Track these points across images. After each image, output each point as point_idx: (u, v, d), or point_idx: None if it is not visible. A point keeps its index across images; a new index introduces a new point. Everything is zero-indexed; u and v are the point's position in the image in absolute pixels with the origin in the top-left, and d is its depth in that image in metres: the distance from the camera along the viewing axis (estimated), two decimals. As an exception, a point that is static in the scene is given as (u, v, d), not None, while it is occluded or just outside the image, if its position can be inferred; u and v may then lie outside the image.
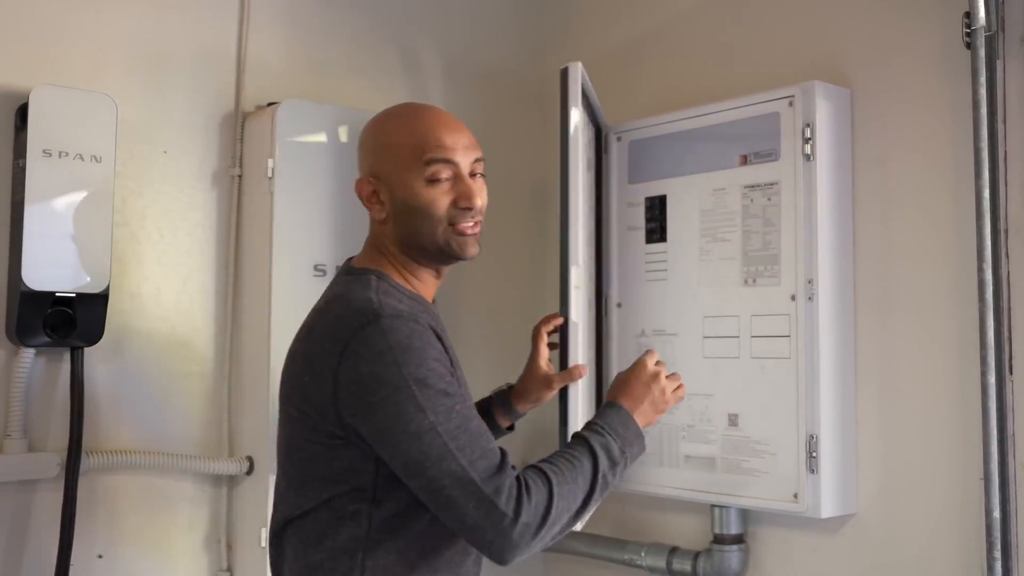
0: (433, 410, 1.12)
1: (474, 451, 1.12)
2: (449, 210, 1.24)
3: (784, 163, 1.74)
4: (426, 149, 1.23)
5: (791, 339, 1.71)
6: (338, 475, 1.19)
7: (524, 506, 1.11)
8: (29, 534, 1.65)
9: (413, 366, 1.12)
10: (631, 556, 1.97)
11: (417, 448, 1.11)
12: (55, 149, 1.61)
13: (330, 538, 1.19)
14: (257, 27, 1.93)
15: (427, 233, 1.24)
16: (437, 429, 1.11)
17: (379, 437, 1.14)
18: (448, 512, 1.13)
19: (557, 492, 1.13)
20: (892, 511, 1.69)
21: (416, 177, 1.23)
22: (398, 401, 1.11)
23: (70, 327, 1.63)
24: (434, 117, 1.28)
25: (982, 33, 1.55)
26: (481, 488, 1.10)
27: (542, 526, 1.12)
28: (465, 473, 1.10)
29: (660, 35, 2.13)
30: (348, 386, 1.14)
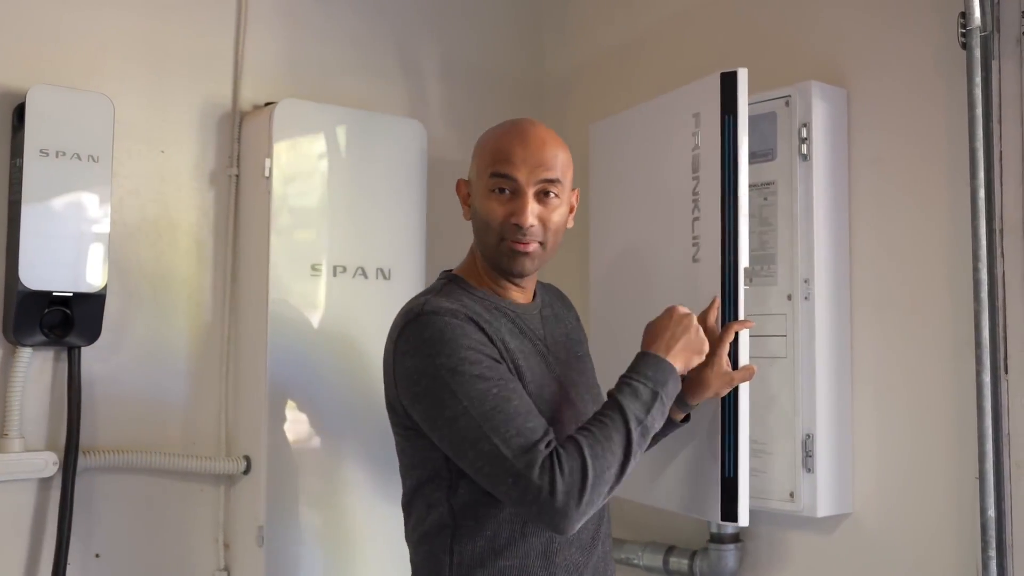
0: (466, 395, 1.18)
1: (508, 430, 1.16)
2: (503, 223, 1.29)
3: (780, 163, 1.75)
4: (494, 161, 1.30)
5: (787, 338, 1.72)
6: (418, 464, 1.28)
7: (558, 476, 1.14)
8: (26, 533, 1.65)
9: (444, 356, 1.19)
10: (628, 555, 1.97)
11: (455, 431, 1.19)
12: (52, 149, 1.61)
13: (423, 523, 1.28)
14: (255, 27, 1.94)
15: (485, 243, 1.32)
16: (470, 412, 1.17)
17: (427, 425, 1.23)
18: (494, 490, 1.19)
19: (590, 454, 1.17)
20: (888, 510, 1.70)
21: (484, 187, 1.31)
22: (435, 389, 1.20)
23: (67, 326, 1.63)
24: (517, 130, 1.32)
25: (977, 33, 1.55)
26: (514, 465, 1.15)
27: (584, 489, 1.15)
28: (498, 452, 1.15)
29: (656, 35, 2.14)
30: (401, 380, 1.25)
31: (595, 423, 1.22)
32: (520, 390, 1.23)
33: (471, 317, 1.24)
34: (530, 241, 1.29)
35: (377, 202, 1.92)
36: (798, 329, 1.70)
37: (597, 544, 1.34)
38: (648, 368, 1.28)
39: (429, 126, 2.13)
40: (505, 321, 1.30)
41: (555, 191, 1.31)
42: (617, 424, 1.21)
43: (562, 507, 1.14)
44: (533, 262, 1.31)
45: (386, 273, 1.90)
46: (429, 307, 1.24)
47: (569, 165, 1.35)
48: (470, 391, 1.18)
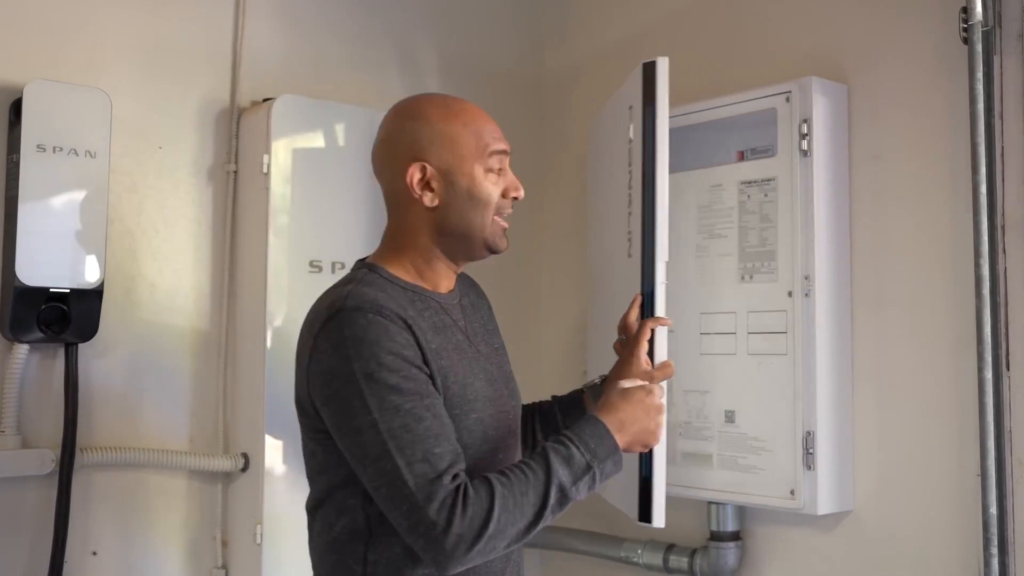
0: (378, 406, 1.10)
1: (414, 453, 1.09)
2: (500, 201, 1.27)
3: (781, 159, 1.74)
4: (490, 140, 1.26)
5: (788, 335, 1.71)
6: (331, 469, 1.20)
7: (457, 517, 1.08)
8: (23, 531, 1.65)
9: (364, 359, 1.11)
10: (627, 553, 1.97)
11: (359, 443, 1.11)
12: (49, 144, 1.60)
13: (332, 530, 1.20)
14: (253, 22, 1.93)
15: (478, 223, 1.26)
16: (378, 426, 1.10)
17: (334, 430, 1.16)
18: (387, 512, 1.12)
19: (500, 504, 1.09)
20: (889, 507, 1.69)
21: (479, 166, 1.25)
22: (347, 395, 1.12)
23: (64, 323, 1.62)
24: (479, 109, 1.30)
25: (979, 28, 1.55)
26: (414, 493, 1.08)
27: (479, 538, 1.08)
28: (399, 475, 1.09)
29: (657, 31, 2.13)
30: (314, 379, 1.17)
31: (516, 473, 1.13)
32: (436, 408, 1.15)
33: (398, 312, 1.16)
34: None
35: (376, 198, 1.90)
36: (798, 326, 1.70)
37: (509, 564, 1.28)
38: (593, 439, 1.18)
39: (428, 122, 2.12)
40: (430, 314, 1.23)
41: None
42: (539, 483, 1.13)
43: (451, 549, 1.08)
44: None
45: (385, 270, 1.90)
46: (352, 301, 1.15)
47: None
48: (383, 402, 1.10)
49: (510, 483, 1.12)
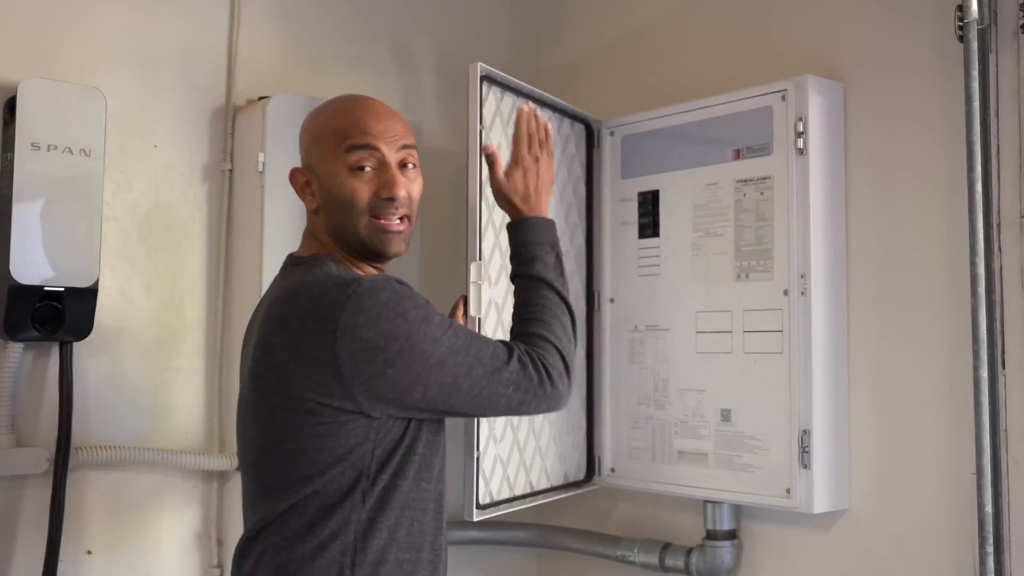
0: (443, 338, 1.17)
1: (484, 350, 1.20)
2: (371, 201, 1.22)
3: (777, 157, 1.74)
4: (349, 136, 1.22)
5: (784, 334, 1.71)
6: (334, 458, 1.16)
7: (548, 367, 1.23)
8: (17, 530, 1.64)
9: (413, 310, 1.16)
10: (624, 552, 1.96)
11: (447, 373, 1.17)
12: (43, 142, 1.59)
13: (320, 526, 1.17)
14: (248, 21, 1.92)
15: (350, 226, 1.23)
16: (455, 349, 1.17)
17: (406, 385, 1.15)
18: (498, 407, 1.22)
19: (556, 339, 1.27)
20: (885, 506, 1.69)
21: (340, 166, 1.22)
22: (412, 346, 1.15)
23: (58, 322, 1.61)
24: (362, 105, 1.27)
25: (975, 26, 1.55)
26: (510, 374, 1.20)
27: (568, 367, 1.27)
28: (491, 370, 1.19)
29: (653, 30, 2.13)
30: (353, 357, 1.13)
31: (535, 307, 1.29)
32: None
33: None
34: (402, 216, 1.24)
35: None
36: (794, 324, 1.69)
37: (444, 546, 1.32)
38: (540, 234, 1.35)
39: (422, 120, 2.12)
40: None
41: (413, 161, 1.27)
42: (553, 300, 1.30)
43: (562, 389, 1.25)
44: (405, 242, 1.26)
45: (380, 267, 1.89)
46: (366, 278, 1.16)
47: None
48: (444, 333, 1.17)
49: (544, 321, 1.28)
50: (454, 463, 2.15)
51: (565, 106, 1.94)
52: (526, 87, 1.82)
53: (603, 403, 1.99)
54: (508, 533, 2.12)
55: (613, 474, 1.97)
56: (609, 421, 1.98)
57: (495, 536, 2.12)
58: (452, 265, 2.22)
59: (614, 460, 1.97)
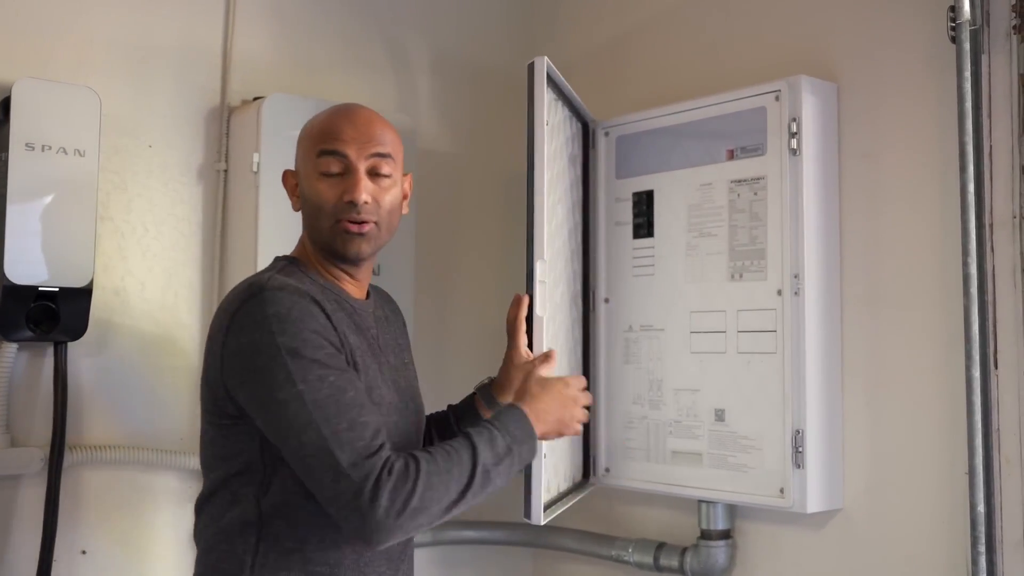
0: (303, 378, 1.11)
1: (340, 423, 1.10)
2: (336, 204, 1.23)
3: (770, 158, 1.74)
4: (322, 141, 1.25)
5: (777, 334, 1.71)
6: (230, 455, 1.20)
7: (384, 489, 1.08)
8: (12, 530, 1.65)
9: (288, 335, 1.12)
10: (618, 552, 1.97)
11: (284, 415, 1.11)
12: (38, 143, 1.60)
13: (222, 520, 1.20)
14: (243, 21, 1.93)
15: (318, 228, 1.25)
16: (304, 398, 1.10)
17: (254, 405, 1.15)
18: (311, 482, 1.12)
19: (425, 481, 1.10)
20: (878, 506, 1.69)
21: (312, 169, 1.25)
22: (271, 368, 1.12)
23: (53, 322, 1.62)
24: (345, 112, 1.28)
25: (967, 27, 1.55)
26: (340, 462, 1.08)
27: (404, 512, 1.09)
28: (326, 444, 1.09)
29: (647, 30, 2.13)
30: (231, 358, 1.16)
31: (441, 452, 1.15)
32: (358, 384, 1.16)
33: (316, 300, 1.18)
34: (365, 220, 1.23)
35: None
36: (788, 324, 1.70)
37: (404, 559, 1.30)
38: (513, 424, 1.22)
39: (418, 121, 2.13)
40: (344, 314, 1.24)
41: (387, 169, 1.26)
42: (463, 462, 1.15)
43: (380, 521, 1.08)
44: (369, 244, 1.25)
45: (375, 267, 1.89)
46: (274, 283, 1.17)
47: (399, 147, 1.30)
48: (308, 375, 1.11)
49: (435, 460, 1.13)
50: None
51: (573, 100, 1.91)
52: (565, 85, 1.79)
53: (598, 403, 1.99)
54: (503, 533, 2.12)
55: (608, 474, 1.97)
56: (604, 421, 1.98)
57: (490, 536, 2.13)
58: (451, 264, 2.23)
59: (609, 460, 1.97)
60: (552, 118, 1.74)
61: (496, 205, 2.29)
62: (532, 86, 1.59)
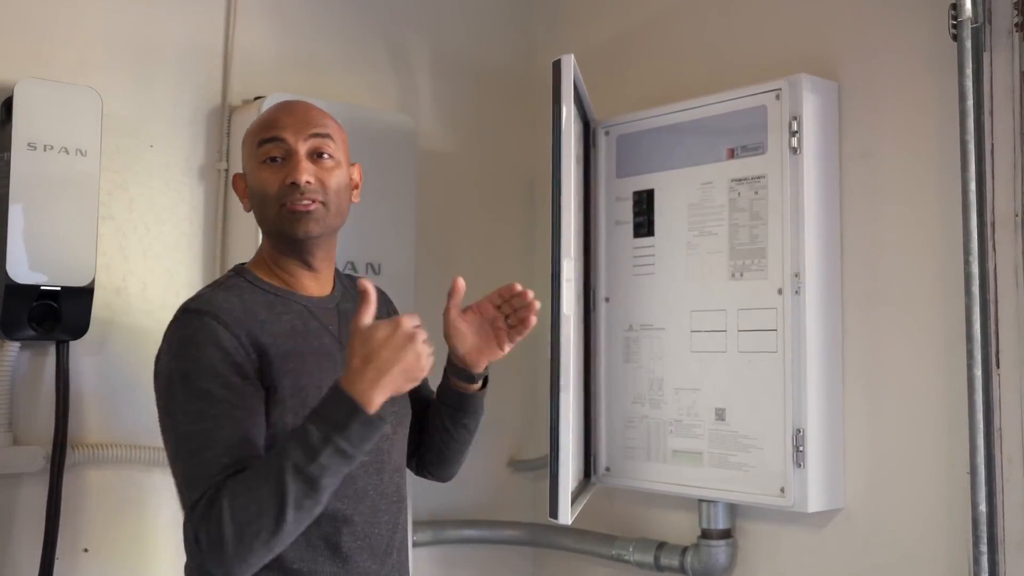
0: (183, 409, 1.13)
1: (199, 457, 1.10)
2: (280, 189, 1.23)
3: (771, 156, 1.74)
4: (261, 132, 1.26)
5: (778, 333, 1.71)
6: None
7: (207, 522, 1.07)
8: (14, 528, 1.65)
9: (183, 360, 1.14)
10: (619, 552, 1.97)
11: (166, 441, 1.16)
12: (40, 142, 1.60)
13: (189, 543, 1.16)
14: (244, 21, 1.93)
15: (266, 217, 1.25)
16: (178, 429, 1.13)
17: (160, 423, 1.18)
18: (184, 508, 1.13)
19: (229, 510, 1.06)
20: (879, 505, 1.69)
21: (256, 161, 1.25)
22: (165, 393, 1.16)
23: (55, 321, 1.62)
24: (281, 105, 1.30)
25: (969, 25, 1.54)
26: (187, 497, 1.11)
27: (223, 549, 1.06)
28: (182, 477, 1.12)
29: (648, 29, 2.13)
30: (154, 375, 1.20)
31: (251, 471, 1.09)
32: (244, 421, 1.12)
33: (241, 318, 1.17)
34: (311, 200, 1.21)
35: (366, 196, 1.89)
36: (788, 323, 1.69)
37: (392, 552, 1.27)
38: (330, 408, 1.09)
39: (419, 120, 2.13)
40: (290, 317, 1.22)
41: (328, 151, 1.25)
42: (271, 474, 1.07)
43: (212, 560, 1.07)
44: (317, 224, 1.22)
45: (376, 267, 1.90)
46: (196, 304, 1.19)
47: (341, 134, 1.29)
48: (189, 406, 1.12)
49: (241, 481, 1.08)
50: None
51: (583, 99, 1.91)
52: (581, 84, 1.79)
53: (598, 402, 1.99)
54: (504, 532, 2.12)
55: (608, 473, 1.97)
56: (604, 420, 1.98)
57: (491, 535, 2.13)
58: (452, 264, 2.23)
59: (609, 459, 1.97)
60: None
61: (497, 205, 2.30)
62: (559, 83, 1.57)
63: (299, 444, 1.08)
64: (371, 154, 1.93)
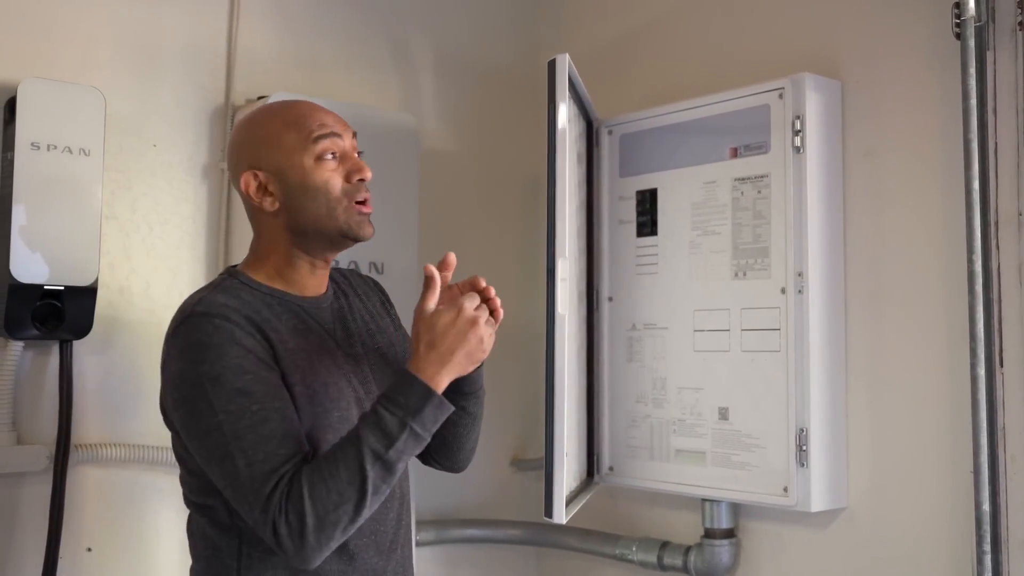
0: (223, 408, 1.11)
1: (256, 453, 1.10)
2: (344, 187, 1.23)
3: (774, 156, 1.74)
4: (312, 128, 1.24)
5: (781, 332, 1.71)
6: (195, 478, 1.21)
7: (281, 518, 1.09)
8: (17, 527, 1.65)
9: (208, 363, 1.13)
10: (622, 551, 1.97)
11: (206, 446, 1.13)
12: (43, 142, 1.61)
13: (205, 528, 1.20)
14: (247, 21, 1.93)
15: (325, 214, 1.23)
16: (223, 428, 1.11)
17: (184, 434, 1.17)
18: (243, 510, 1.12)
19: (310, 497, 1.09)
20: (882, 504, 1.69)
21: (308, 157, 1.23)
22: (193, 398, 1.13)
23: (58, 320, 1.62)
24: (308, 103, 1.29)
25: (972, 23, 1.54)
26: (255, 492, 1.10)
27: (305, 535, 1.08)
28: (241, 475, 1.10)
29: (651, 28, 2.13)
30: (166, 385, 1.19)
31: (328, 458, 1.12)
32: (285, 410, 1.14)
33: (248, 316, 1.17)
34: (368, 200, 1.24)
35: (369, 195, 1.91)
36: (791, 323, 1.69)
37: (396, 548, 1.28)
38: (402, 393, 1.13)
39: (421, 119, 2.13)
40: (288, 317, 1.22)
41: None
42: (349, 461, 1.10)
43: (290, 549, 1.09)
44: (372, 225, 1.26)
45: (379, 266, 1.90)
46: (201, 307, 1.17)
47: None
48: (228, 405, 1.11)
49: (319, 468, 1.10)
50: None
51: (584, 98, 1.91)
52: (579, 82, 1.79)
53: (601, 402, 1.99)
54: (507, 531, 2.12)
55: (611, 472, 1.97)
56: (607, 420, 1.98)
57: (494, 535, 2.13)
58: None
59: (612, 458, 1.97)
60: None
61: (499, 204, 2.30)
62: (553, 83, 1.57)
63: (374, 430, 1.11)
64: (374, 153, 1.92)
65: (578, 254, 1.97)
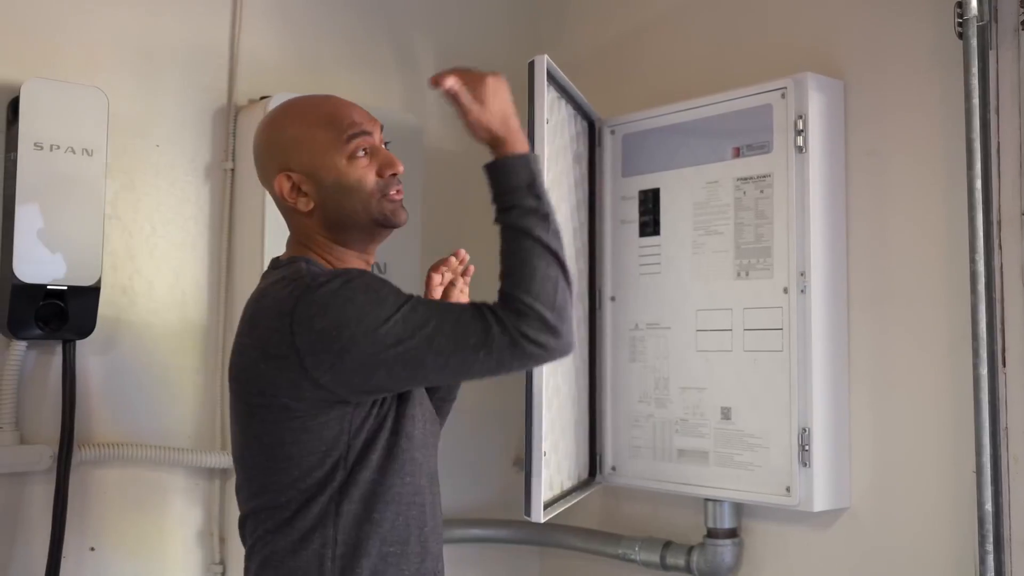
0: (398, 315, 1.14)
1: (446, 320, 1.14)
2: (377, 182, 1.25)
3: (776, 155, 1.74)
4: (343, 128, 1.25)
5: (784, 332, 1.71)
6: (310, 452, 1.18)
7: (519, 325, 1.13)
8: (21, 527, 1.66)
9: (361, 293, 1.15)
10: (625, 551, 1.96)
11: (406, 348, 1.13)
12: (46, 142, 1.61)
13: (300, 519, 1.19)
14: (250, 21, 1.94)
15: (361, 209, 1.25)
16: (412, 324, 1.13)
17: (367, 369, 1.15)
18: (472, 371, 1.15)
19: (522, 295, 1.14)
20: (885, 504, 1.69)
21: (340, 156, 1.24)
22: (365, 330, 1.13)
23: (62, 320, 1.63)
24: (335, 100, 1.30)
25: (974, 23, 1.54)
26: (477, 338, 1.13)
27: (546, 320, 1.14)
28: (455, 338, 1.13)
29: (653, 28, 2.13)
30: (312, 348, 1.15)
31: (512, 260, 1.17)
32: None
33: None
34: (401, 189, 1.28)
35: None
36: (794, 322, 1.69)
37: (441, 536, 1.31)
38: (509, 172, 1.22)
39: (424, 120, 2.13)
40: None
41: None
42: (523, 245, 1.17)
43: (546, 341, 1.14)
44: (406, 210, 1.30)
45: (382, 267, 1.90)
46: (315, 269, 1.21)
47: None
48: (402, 310, 1.14)
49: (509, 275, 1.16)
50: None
51: (577, 98, 1.92)
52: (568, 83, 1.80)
53: (604, 401, 1.99)
54: (510, 531, 2.12)
55: (614, 472, 1.97)
56: (610, 419, 1.98)
57: (497, 534, 2.13)
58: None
59: (615, 458, 1.97)
60: (553, 116, 1.74)
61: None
62: (532, 84, 1.59)
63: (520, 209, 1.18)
64: (376, 153, 1.94)
65: (575, 254, 1.97)
